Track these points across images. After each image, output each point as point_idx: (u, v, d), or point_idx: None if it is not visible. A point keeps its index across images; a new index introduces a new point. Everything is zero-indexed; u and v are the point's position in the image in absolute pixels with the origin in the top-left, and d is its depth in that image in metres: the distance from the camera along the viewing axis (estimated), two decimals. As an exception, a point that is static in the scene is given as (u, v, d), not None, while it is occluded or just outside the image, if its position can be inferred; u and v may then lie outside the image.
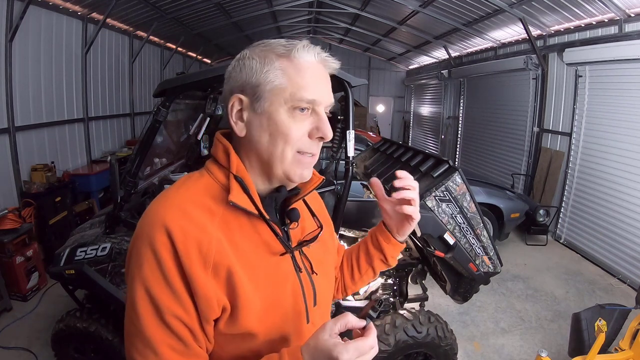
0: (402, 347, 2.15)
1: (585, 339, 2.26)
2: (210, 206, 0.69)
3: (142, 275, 0.64)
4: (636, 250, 4.03)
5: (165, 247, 0.63)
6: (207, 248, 0.65)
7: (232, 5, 7.36)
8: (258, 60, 0.70)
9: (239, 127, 0.71)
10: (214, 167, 0.74)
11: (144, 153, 2.23)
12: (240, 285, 0.67)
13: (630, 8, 4.11)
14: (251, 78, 0.69)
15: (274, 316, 0.73)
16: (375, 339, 0.65)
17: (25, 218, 3.73)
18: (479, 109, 8.02)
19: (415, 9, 6.70)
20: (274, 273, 0.73)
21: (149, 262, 0.64)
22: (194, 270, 0.64)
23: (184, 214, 0.66)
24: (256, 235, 0.72)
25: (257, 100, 0.69)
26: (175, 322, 0.64)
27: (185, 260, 0.63)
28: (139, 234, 0.67)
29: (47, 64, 4.62)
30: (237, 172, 0.71)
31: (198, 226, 0.65)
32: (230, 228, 0.69)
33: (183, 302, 0.64)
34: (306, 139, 0.71)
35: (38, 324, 3.16)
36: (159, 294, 0.63)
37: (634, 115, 4.13)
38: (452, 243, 1.82)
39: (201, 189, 0.71)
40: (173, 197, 0.70)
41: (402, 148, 2.40)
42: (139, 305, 0.64)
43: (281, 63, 0.69)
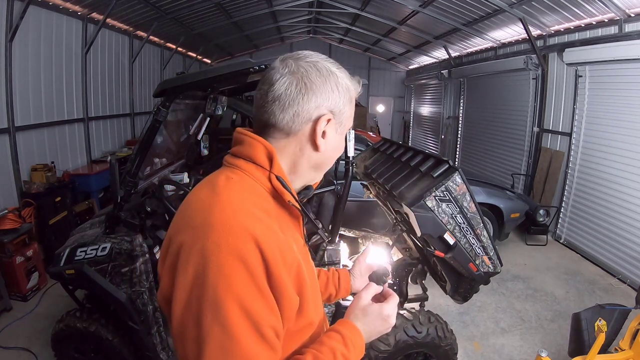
0: (402, 347, 2.15)
1: (585, 339, 2.26)
2: (267, 208, 0.71)
3: (235, 292, 0.60)
4: (636, 250, 4.03)
5: (255, 256, 0.62)
6: (284, 250, 0.67)
7: (232, 5, 7.36)
8: (346, 89, 0.78)
9: (322, 143, 0.76)
10: (250, 167, 0.74)
11: (144, 153, 2.23)
12: (304, 280, 0.71)
13: (630, 8, 4.11)
14: (342, 105, 0.77)
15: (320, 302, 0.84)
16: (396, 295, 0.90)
17: (25, 218, 3.73)
18: (479, 109, 8.02)
19: (415, 9, 6.69)
20: (309, 262, 0.83)
21: (240, 275, 0.60)
22: (281, 275, 0.64)
23: (258, 219, 0.65)
24: (297, 229, 0.81)
25: (340, 125, 0.79)
26: (270, 332, 0.63)
27: (274, 268, 0.63)
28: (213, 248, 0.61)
29: (47, 64, 4.62)
30: (278, 173, 0.74)
31: (272, 230, 0.67)
32: (282, 226, 0.72)
33: (275, 310, 0.65)
34: None
35: (38, 324, 3.16)
36: (256, 308, 0.61)
37: (634, 115, 4.13)
38: (452, 243, 1.82)
39: (255, 192, 0.72)
40: (235, 202, 0.67)
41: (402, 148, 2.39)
42: (235, 326, 0.59)
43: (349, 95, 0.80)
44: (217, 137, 5.93)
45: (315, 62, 0.75)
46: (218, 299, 0.59)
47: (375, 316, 0.84)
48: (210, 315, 0.59)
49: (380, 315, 0.84)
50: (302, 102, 0.73)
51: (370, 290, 0.88)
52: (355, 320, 0.83)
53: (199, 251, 0.62)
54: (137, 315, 2.17)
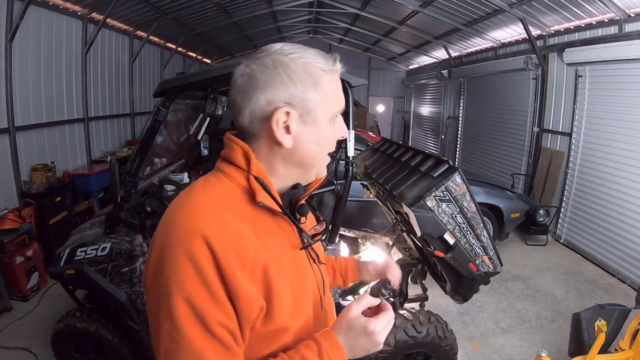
0: (402, 347, 2.15)
1: (585, 339, 2.26)
2: (239, 209, 0.71)
3: (183, 289, 0.63)
4: (636, 250, 4.02)
5: (205, 256, 0.63)
6: (244, 252, 0.67)
7: (232, 5, 7.36)
8: (306, 73, 0.71)
9: (286, 140, 0.72)
10: (230, 170, 0.74)
11: (144, 153, 2.23)
12: (274, 283, 0.70)
13: (630, 8, 4.11)
14: (302, 92, 0.71)
15: (301, 308, 0.77)
16: (392, 311, 0.79)
17: (25, 218, 3.73)
18: (479, 109, 8.02)
19: (415, 9, 6.69)
20: (297, 267, 0.79)
21: (189, 274, 0.63)
22: (235, 277, 0.65)
23: (218, 220, 0.67)
24: (280, 232, 0.77)
25: (309, 114, 0.72)
26: (219, 329, 0.65)
27: (227, 268, 0.64)
28: (169, 244, 0.65)
29: (47, 64, 4.62)
30: (257, 173, 0.73)
31: (233, 230, 0.67)
32: (259, 228, 0.72)
33: (226, 308, 0.65)
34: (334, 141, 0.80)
35: (38, 324, 3.16)
36: (204, 306, 0.63)
37: (634, 115, 4.13)
38: (452, 243, 1.82)
39: (226, 193, 0.72)
40: (201, 202, 0.69)
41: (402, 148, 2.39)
42: (182, 319, 0.63)
43: (325, 78, 0.73)
44: (217, 137, 5.93)
45: (265, 57, 0.72)
46: (169, 292, 0.63)
47: (359, 331, 0.75)
48: (163, 306, 0.64)
49: (364, 331, 0.75)
50: (252, 102, 0.71)
51: (362, 302, 0.78)
52: (339, 332, 0.76)
53: (160, 246, 0.67)
54: (137, 315, 2.17)
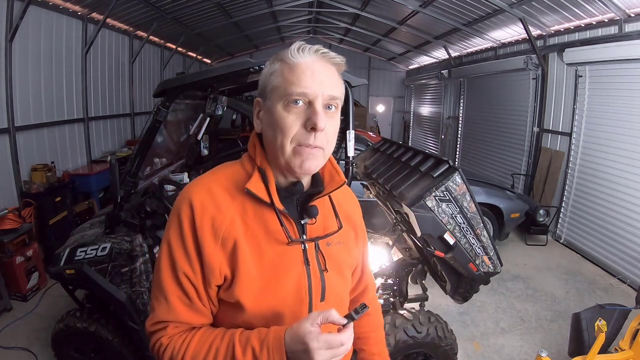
0: (402, 347, 2.15)
1: (585, 339, 2.26)
2: (232, 190, 0.81)
3: (168, 236, 0.80)
4: (636, 250, 4.02)
5: (186, 216, 0.78)
6: (219, 224, 0.78)
7: (232, 5, 7.36)
8: (268, 66, 0.82)
9: (257, 124, 0.84)
10: (245, 158, 0.87)
11: (144, 153, 2.23)
12: (242, 260, 0.78)
13: (630, 8, 4.11)
14: (263, 82, 0.82)
15: (270, 298, 0.80)
16: (349, 338, 0.70)
17: (25, 218, 3.73)
18: (479, 109, 8.02)
19: (415, 9, 6.69)
20: (279, 260, 0.81)
21: (174, 226, 0.79)
22: (205, 240, 0.77)
23: (207, 192, 0.80)
24: (267, 222, 0.81)
25: (265, 100, 0.81)
26: (184, 279, 0.78)
27: (199, 230, 0.77)
28: (175, 203, 0.82)
29: (47, 64, 4.62)
30: (260, 164, 0.82)
31: (216, 204, 0.79)
32: (247, 212, 0.80)
33: (193, 264, 0.78)
34: (302, 131, 0.77)
35: (38, 324, 3.16)
36: (176, 254, 0.78)
37: (634, 115, 4.13)
38: (452, 243, 1.82)
39: (229, 174, 0.84)
40: (204, 178, 0.84)
41: (402, 148, 2.39)
42: (162, 260, 0.80)
43: (281, 65, 0.79)
44: (217, 137, 5.94)
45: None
46: (164, 237, 0.82)
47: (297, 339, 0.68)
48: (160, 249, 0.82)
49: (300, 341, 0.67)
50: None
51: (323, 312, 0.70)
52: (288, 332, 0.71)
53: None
54: (137, 315, 2.17)
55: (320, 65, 0.78)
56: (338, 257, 0.90)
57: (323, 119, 0.76)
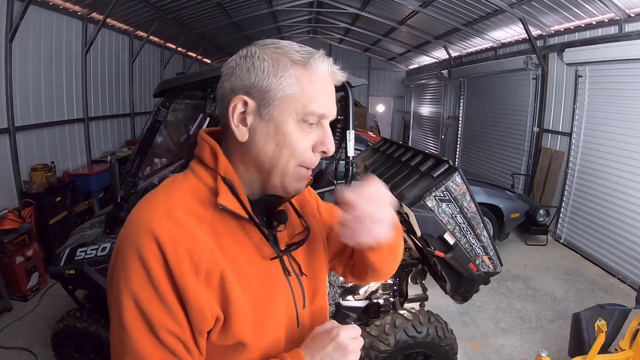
0: (402, 347, 2.15)
1: (585, 339, 2.26)
2: (197, 210, 0.65)
3: (130, 287, 0.59)
4: (636, 250, 4.02)
5: (154, 255, 0.59)
6: (198, 255, 0.61)
7: (232, 5, 7.36)
8: (271, 63, 0.65)
9: (240, 131, 0.66)
10: (199, 169, 0.70)
11: (144, 153, 2.23)
12: (233, 293, 0.64)
13: (630, 8, 4.11)
14: (261, 81, 0.65)
15: (266, 323, 0.70)
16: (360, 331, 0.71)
17: (25, 218, 3.73)
18: (479, 109, 8.02)
19: (415, 9, 6.69)
20: (265, 278, 0.71)
21: (137, 272, 0.59)
22: (185, 280, 0.60)
23: (172, 219, 0.62)
24: (246, 239, 0.69)
25: (266, 107, 0.65)
26: (168, 337, 0.60)
27: (176, 269, 0.59)
28: (123, 240, 0.63)
29: (47, 64, 4.62)
30: (225, 174, 0.67)
31: (187, 232, 0.62)
32: (219, 233, 0.66)
33: (176, 315, 0.60)
34: (310, 153, 0.69)
35: (38, 324, 3.16)
36: (150, 308, 0.59)
37: (634, 115, 4.13)
38: (452, 243, 1.82)
39: (188, 192, 0.67)
40: (158, 200, 0.65)
41: (402, 148, 2.40)
42: (129, 321, 0.59)
43: (296, 70, 0.65)
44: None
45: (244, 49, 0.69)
46: (118, 290, 0.61)
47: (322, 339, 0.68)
48: (113, 303, 0.62)
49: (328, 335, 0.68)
50: (221, 91, 0.69)
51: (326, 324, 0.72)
52: (303, 348, 0.69)
53: (117, 243, 0.65)
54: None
55: (331, 82, 0.70)
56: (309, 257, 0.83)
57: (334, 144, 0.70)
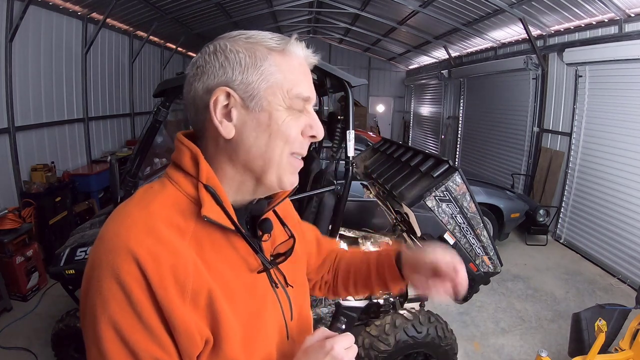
0: (402, 347, 2.15)
1: (585, 339, 2.26)
2: (178, 223, 0.60)
3: (109, 315, 0.53)
4: (636, 250, 4.02)
5: (134, 278, 0.53)
6: (183, 274, 0.56)
7: (232, 5, 7.36)
8: (247, 54, 0.61)
9: (225, 127, 0.61)
10: (178, 176, 0.64)
11: (144, 153, 2.23)
12: (222, 312, 0.59)
13: (630, 8, 4.11)
14: (241, 74, 0.61)
15: (257, 339, 0.66)
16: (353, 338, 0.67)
17: (25, 218, 3.73)
18: (479, 109, 8.02)
19: (415, 9, 6.70)
20: (252, 292, 0.66)
21: (115, 297, 0.53)
22: (171, 303, 0.54)
23: (152, 235, 0.56)
24: (232, 252, 0.65)
25: (252, 99, 0.61)
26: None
27: (160, 291, 0.54)
28: (97, 262, 0.55)
29: (47, 64, 4.62)
30: (207, 181, 0.62)
31: (170, 249, 0.56)
32: (203, 246, 0.61)
33: (162, 342, 0.55)
34: (301, 138, 0.66)
35: (38, 324, 3.16)
36: (134, 336, 0.54)
37: (634, 115, 4.12)
38: (452, 243, 1.82)
39: (166, 203, 0.61)
40: (134, 214, 0.59)
41: (402, 148, 2.40)
42: (110, 352, 0.53)
43: (274, 58, 0.63)
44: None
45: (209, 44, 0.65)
46: (95, 318, 0.54)
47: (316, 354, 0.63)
48: (90, 332, 0.55)
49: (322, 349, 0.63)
50: (192, 92, 0.64)
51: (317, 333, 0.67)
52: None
53: (89, 265, 0.57)
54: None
55: (307, 64, 0.67)
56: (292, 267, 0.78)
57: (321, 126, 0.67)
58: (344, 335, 0.66)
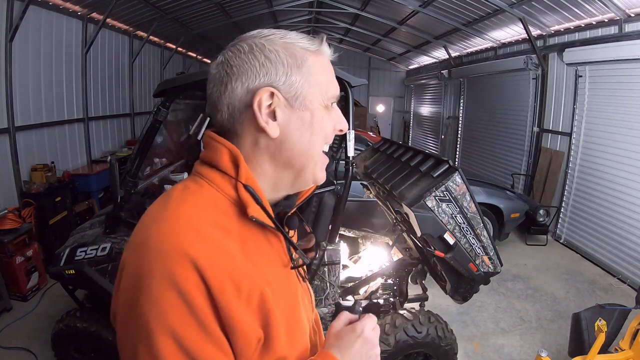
0: (402, 347, 2.15)
1: (585, 339, 2.26)
2: (224, 224, 0.59)
3: (167, 325, 0.51)
4: (636, 250, 4.02)
5: (194, 284, 0.52)
6: (239, 277, 0.56)
7: (232, 5, 7.36)
8: (287, 54, 0.63)
9: (272, 127, 0.62)
10: (214, 176, 0.63)
11: (144, 153, 2.23)
12: (272, 310, 0.60)
13: (630, 8, 4.11)
14: (285, 74, 0.62)
15: (297, 333, 0.68)
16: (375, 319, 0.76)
17: (25, 218, 3.73)
18: (479, 109, 8.02)
19: (415, 9, 6.70)
20: (287, 287, 0.69)
21: (174, 307, 0.51)
22: (230, 307, 0.54)
23: (204, 238, 0.55)
24: (271, 249, 0.67)
25: (296, 98, 0.63)
26: None
27: (220, 296, 0.53)
28: (144, 270, 0.53)
29: (47, 64, 4.62)
30: (246, 181, 0.62)
31: (224, 251, 0.56)
32: (247, 246, 0.61)
33: (222, 345, 0.55)
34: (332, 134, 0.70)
35: (38, 324, 3.16)
36: (197, 345, 0.52)
37: (634, 115, 4.13)
38: (452, 243, 1.82)
39: (208, 204, 0.60)
40: (178, 216, 0.57)
41: (402, 148, 2.39)
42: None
43: (312, 59, 0.65)
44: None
45: (240, 43, 0.64)
46: (150, 331, 0.52)
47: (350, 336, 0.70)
48: (143, 349, 0.52)
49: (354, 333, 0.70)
50: (228, 92, 0.63)
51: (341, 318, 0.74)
52: (330, 348, 0.70)
53: (133, 273, 0.55)
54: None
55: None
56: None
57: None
58: (368, 317, 0.73)
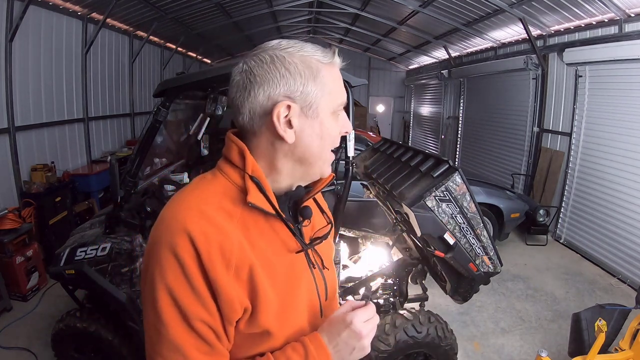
0: (402, 347, 2.15)
1: (585, 339, 2.26)
2: (228, 208, 0.70)
3: (166, 282, 0.66)
4: (636, 250, 4.02)
5: (188, 252, 0.65)
6: (229, 250, 0.67)
7: (232, 5, 7.36)
8: (304, 66, 0.71)
9: (289, 135, 0.71)
10: (227, 168, 0.75)
11: (144, 153, 2.23)
12: (260, 285, 0.69)
13: (630, 8, 4.10)
14: (302, 85, 0.71)
15: (290, 314, 0.76)
16: (374, 309, 0.79)
17: (25, 218, 3.73)
18: (479, 109, 8.02)
19: (415, 9, 6.69)
20: (290, 271, 0.76)
21: (172, 268, 0.66)
22: (217, 274, 0.66)
23: (204, 217, 0.67)
24: (273, 234, 0.75)
25: (310, 107, 0.72)
26: (201, 325, 0.67)
27: (209, 264, 0.65)
28: (157, 239, 0.68)
29: (47, 64, 4.62)
30: (252, 172, 0.72)
31: (219, 228, 0.67)
32: (249, 228, 0.71)
33: (208, 305, 0.67)
34: (338, 137, 0.79)
35: (38, 324, 3.17)
36: (185, 300, 0.66)
37: (634, 115, 4.12)
38: (452, 243, 1.82)
39: (218, 191, 0.72)
40: (189, 199, 0.71)
41: (402, 148, 2.39)
42: (164, 312, 0.66)
43: (326, 71, 0.73)
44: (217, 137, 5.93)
45: (262, 53, 0.72)
46: (154, 284, 0.67)
47: (339, 324, 0.75)
48: (149, 298, 0.68)
49: (343, 322, 0.74)
50: (251, 99, 0.71)
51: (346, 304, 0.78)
52: (321, 331, 0.76)
53: (150, 241, 0.70)
54: (137, 315, 2.17)
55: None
56: (328, 251, 0.90)
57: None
58: (364, 308, 0.77)
